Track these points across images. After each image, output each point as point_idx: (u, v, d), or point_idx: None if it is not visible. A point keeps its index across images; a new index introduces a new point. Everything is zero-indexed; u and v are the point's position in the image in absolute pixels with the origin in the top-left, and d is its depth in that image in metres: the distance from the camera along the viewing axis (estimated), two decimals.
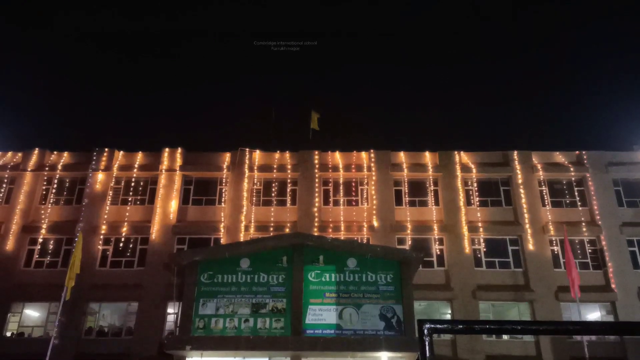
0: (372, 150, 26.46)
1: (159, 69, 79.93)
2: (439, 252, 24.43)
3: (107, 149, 26.39)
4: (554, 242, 24.48)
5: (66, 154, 26.71)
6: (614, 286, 23.12)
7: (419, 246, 24.05)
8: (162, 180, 25.64)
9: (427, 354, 2.22)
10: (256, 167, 26.13)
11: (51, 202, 25.64)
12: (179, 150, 26.39)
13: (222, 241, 24.07)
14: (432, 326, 2.26)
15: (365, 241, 24.15)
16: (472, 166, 26.06)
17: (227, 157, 26.42)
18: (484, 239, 24.64)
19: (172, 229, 24.55)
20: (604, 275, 23.62)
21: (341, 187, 25.99)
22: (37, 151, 26.40)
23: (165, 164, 26.02)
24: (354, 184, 26.14)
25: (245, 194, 25.42)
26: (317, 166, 25.99)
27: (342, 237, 23.86)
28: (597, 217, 24.66)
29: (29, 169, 25.88)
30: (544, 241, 24.32)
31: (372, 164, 26.02)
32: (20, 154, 26.47)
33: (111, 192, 25.66)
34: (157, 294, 22.73)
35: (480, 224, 24.78)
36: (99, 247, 24.32)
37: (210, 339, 18.30)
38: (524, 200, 25.11)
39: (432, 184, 26.00)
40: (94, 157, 26.09)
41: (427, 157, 26.44)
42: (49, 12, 76.36)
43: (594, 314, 23.38)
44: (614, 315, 22.74)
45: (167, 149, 26.41)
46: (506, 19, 77.77)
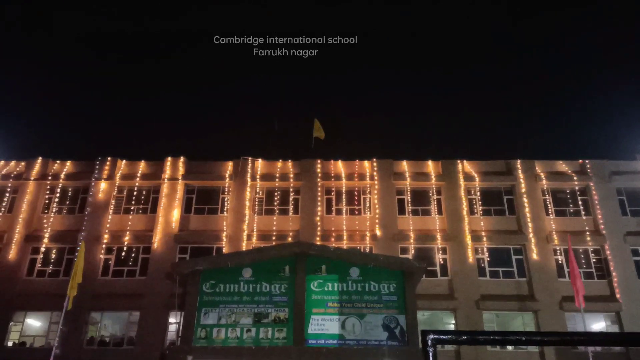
0: (374, 159, 26.47)
1: (160, 78, 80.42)
2: (442, 262, 24.33)
3: (109, 158, 26.48)
4: (558, 251, 24.36)
5: (69, 163, 26.79)
6: (618, 296, 22.95)
7: (422, 255, 23.96)
8: (165, 189, 25.68)
9: None
10: (258, 176, 26.15)
11: (54, 211, 25.68)
12: (182, 159, 26.46)
13: (224, 250, 24.03)
14: (436, 337, 2.24)
15: (367, 250, 24.07)
16: (475, 175, 26.02)
17: (229, 166, 26.46)
18: (487, 248, 24.54)
19: (174, 238, 24.54)
20: (608, 284, 23.46)
21: (344, 196, 25.97)
22: (40, 160, 26.50)
23: (167, 173, 26.07)
24: (356, 193, 26.12)
25: (247, 203, 25.42)
26: (319, 175, 26.00)
27: (345, 247, 23.81)
28: (601, 226, 24.55)
29: (32, 178, 25.96)
30: (547, 250, 24.20)
31: (375, 173, 26.02)
32: (23, 163, 26.57)
33: (114, 201, 25.70)
34: (159, 303, 22.67)
35: (483, 233, 24.69)
36: (101, 256, 24.31)
37: (212, 349, 18.20)
38: (527, 209, 25.04)
39: (435, 193, 25.95)
40: (97, 166, 26.17)
41: (430, 165, 26.43)
42: (48, 16, 77.05)
43: (598, 324, 23.20)
44: (619, 325, 22.55)
45: (169, 158, 26.48)
46: (508, 26, 78.11)
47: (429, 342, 2.23)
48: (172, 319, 22.39)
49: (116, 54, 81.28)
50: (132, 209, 25.74)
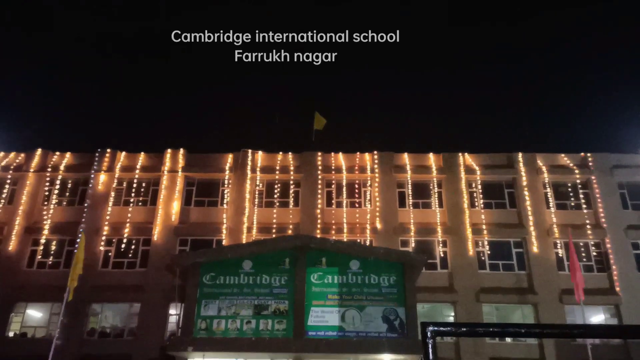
0: (375, 151, 26.42)
1: (161, 71, 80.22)
2: (442, 255, 24.36)
3: (109, 150, 26.46)
4: (559, 244, 24.37)
5: (68, 154, 26.78)
6: (618, 289, 23.00)
7: (423, 248, 23.98)
8: (165, 181, 25.67)
9: (431, 357, 2.21)
10: (259, 169, 26.13)
11: (54, 203, 25.70)
12: (181, 151, 26.42)
13: (225, 243, 24.07)
14: (435, 329, 2.24)
15: (368, 243, 24.09)
16: (477, 168, 25.99)
17: (229, 158, 26.43)
18: (487, 241, 24.56)
19: (174, 230, 24.57)
20: (608, 278, 23.50)
21: (344, 189, 25.95)
22: (39, 152, 26.48)
23: (167, 165, 26.05)
24: (357, 186, 26.10)
25: (247, 196, 25.42)
26: (320, 168, 25.97)
27: (345, 239, 23.83)
28: (602, 219, 24.55)
29: (32, 170, 25.95)
30: (548, 244, 24.22)
31: (376, 166, 25.98)
32: (22, 155, 26.56)
33: (113, 193, 25.71)
34: (159, 295, 22.74)
35: (484, 227, 24.70)
36: (101, 248, 24.35)
37: (212, 340, 18.27)
38: (528, 202, 25.02)
39: (435, 186, 25.94)
40: (96, 158, 26.15)
41: (431, 158, 26.39)
42: (49, 12, 76.76)
43: (598, 317, 23.27)
44: (618, 318, 22.62)
45: (169, 150, 26.45)
46: (510, 20, 77.74)
47: (429, 334, 2.23)
48: (172, 311, 22.47)
49: (117, 50, 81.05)
50: (131, 201, 25.76)
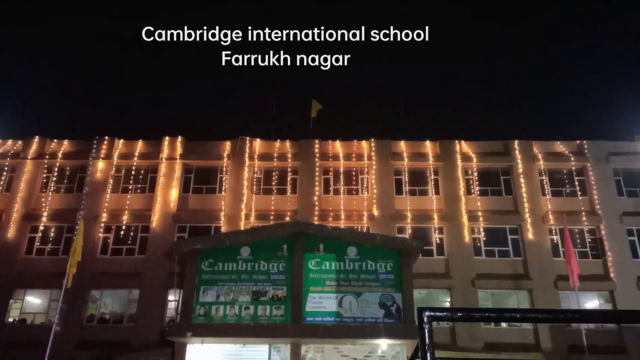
0: (372, 139, 26.42)
1: (159, 60, 79.56)
2: (438, 241, 24.51)
3: (107, 138, 26.37)
4: (554, 231, 24.54)
5: (66, 142, 26.68)
6: (612, 275, 23.22)
7: (419, 235, 24.12)
8: (163, 168, 25.65)
9: (427, 341, 2.24)
10: (256, 156, 26.11)
11: (52, 190, 25.67)
12: (179, 139, 26.36)
13: (223, 230, 24.14)
14: (432, 314, 2.27)
15: (365, 230, 24.20)
16: (473, 155, 26.04)
17: (227, 145, 26.39)
18: (483, 228, 24.70)
19: (172, 217, 24.61)
20: (603, 264, 23.71)
21: (341, 176, 26.00)
22: (37, 139, 26.37)
23: (165, 152, 26.01)
24: (354, 173, 26.14)
25: (245, 183, 25.44)
26: (317, 155, 25.97)
27: (342, 226, 23.93)
28: (597, 206, 24.70)
29: (29, 157, 25.88)
30: (543, 230, 24.38)
31: (373, 153, 26.00)
32: (20, 142, 26.45)
33: (111, 180, 25.69)
34: (158, 281, 22.86)
35: (480, 213, 24.83)
36: (100, 235, 24.40)
37: (211, 326, 18.42)
38: (524, 189, 25.13)
39: (432, 173, 26.00)
40: (94, 146, 26.07)
41: (428, 146, 26.41)
42: (45, 3, 75.81)
43: (592, 303, 23.52)
44: (613, 304, 22.87)
45: (167, 138, 26.38)
46: (507, 12, 77.20)
47: (425, 319, 2.26)
48: (171, 297, 22.60)
49: (112, 44, 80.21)
50: (130, 188, 25.74)
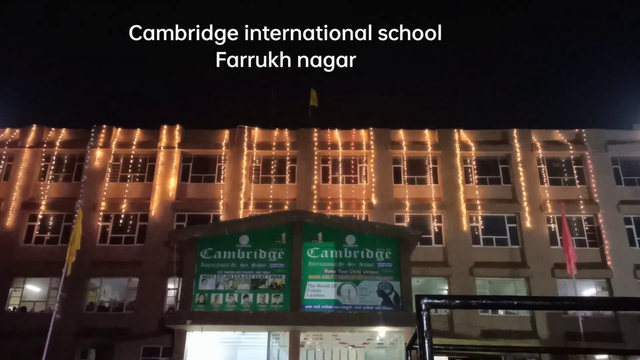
0: (371, 128, 26.37)
1: (157, 50, 79.00)
2: (437, 230, 24.58)
3: (105, 126, 26.28)
4: (552, 219, 24.62)
5: (64, 130, 26.59)
6: (609, 263, 23.35)
7: (417, 224, 24.19)
8: (161, 157, 25.61)
9: (425, 328, 2.26)
10: (255, 145, 26.07)
11: (50, 178, 25.64)
12: (178, 127, 26.29)
13: (222, 218, 24.17)
14: (430, 301, 2.28)
15: (363, 218, 24.26)
16: (472, 144, 26.02)
17: (226, 134, 26.33)
18: (482, 216, 24.78)
19: (171, 206, 24.63)
20: (600, 252, 23.84)
21: (340, 165, 26.00)
22: (34, 128, 26.28)
23: (163, 141, 25.95)
24: (353, 162, 26.13)
25: (244, 172, 25.42)
26: (316, 144, 25.94)
27: (341, 215, 23.98)
28: (595, 195, 24.76)
29: (27, 146, 25.81)
30: (541, 219, 24.46)
31: (371, 142, 25.97)
32: (18, 131, 26.35)
33: (110, 169, 25.65)
34: (158, 270, 22.94)
35: (478, 202, 24.89)
36: (99, 223, 24.43)
37: (210, 313, 18.53)
38: (522, 178, 25.17)
39: (431, 162, 26.00)
40: (92, 134, 25.99)
41: (427, 135, 26.38)
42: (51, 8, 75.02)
43: (589, 291, 23.67)
44: (609, 291, 23.02)
45: (165, 126, 26.30)
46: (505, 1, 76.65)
47: (423, 307, 2.27)
48: (170, 285, 22.71)
49: (111, 34, 79.55)
50: (128, 177, 25.72)
